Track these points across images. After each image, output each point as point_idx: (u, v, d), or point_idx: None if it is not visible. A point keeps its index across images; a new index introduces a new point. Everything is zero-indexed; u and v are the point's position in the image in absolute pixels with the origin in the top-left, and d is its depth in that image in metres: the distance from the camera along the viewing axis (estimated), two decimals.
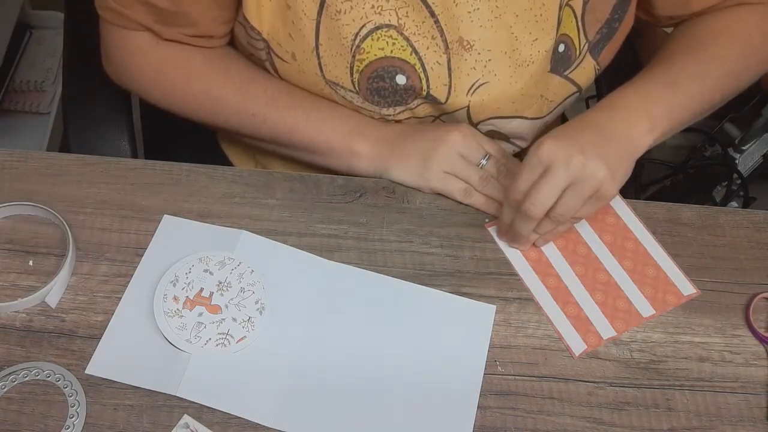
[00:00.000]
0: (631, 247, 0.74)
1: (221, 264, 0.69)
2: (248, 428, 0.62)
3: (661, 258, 0.74)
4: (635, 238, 0.75)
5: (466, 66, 0.72)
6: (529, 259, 0.73)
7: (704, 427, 0.65)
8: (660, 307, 0.71)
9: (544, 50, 0.73)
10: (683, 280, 0.72)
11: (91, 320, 0.66)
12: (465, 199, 0.76)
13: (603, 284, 0.72)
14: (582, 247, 0.74)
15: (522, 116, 0.77)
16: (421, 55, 0.71)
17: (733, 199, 1.48)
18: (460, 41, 0.71)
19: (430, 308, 0.69)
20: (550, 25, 0.72)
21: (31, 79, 1.62)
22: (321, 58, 0.72)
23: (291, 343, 0.66)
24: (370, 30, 0.69)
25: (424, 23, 0.70)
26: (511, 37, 0.72)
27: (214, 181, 0.76)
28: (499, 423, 0.64)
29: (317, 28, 0.70)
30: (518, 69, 0.73)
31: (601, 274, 0.72)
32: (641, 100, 0.70)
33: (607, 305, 0.71)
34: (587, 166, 0.65)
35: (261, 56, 0.76)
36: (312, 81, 0.74)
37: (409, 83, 0.72)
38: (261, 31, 0.72)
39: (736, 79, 0.77)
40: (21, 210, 0.71)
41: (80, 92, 0.90)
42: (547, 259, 0.73)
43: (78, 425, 0.60)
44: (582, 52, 0.76)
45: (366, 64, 0.71)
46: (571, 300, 0.71)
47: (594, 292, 0.71)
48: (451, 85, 0.73)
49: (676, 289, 0.72)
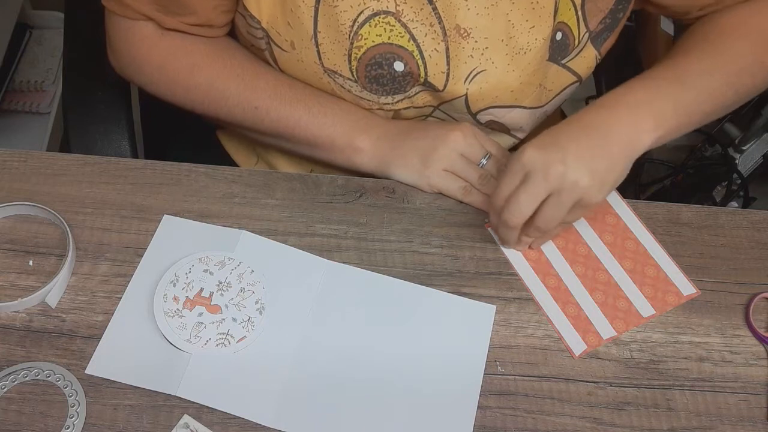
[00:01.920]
0: (632, 247, 0.74)
1: (221, 264, 0.69)
2: (248, 428, 0.62)
3: (661, 258, 0.74)
4: (635, 238, 0.75)
5: (463, 54, 0.72)
6: (529, 259, 0.73)
7: (704, 427, 0.65)
8: (660, 307, 0.71)
9: (541, 38, 0.73)
10: (683, 280, 0.72)
11: (91, 320, 0.66)
12: (464, 198, 0.76)
13: (603, 284, 0.72)
14: (582, 247, 0.74)
15: (521, 105, 0.77)
16: (419, 42, 0.71)
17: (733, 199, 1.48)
18: (457, 29, 0.71)
19: (430, 308, 0.69)
20: (547, 12, 0.72)
21: (31, 79, 1.62)
22: (320, 46, 0.72)
23: (291, 343, 0.66)
24: (367, 16, 0.70)
25: (422, 10, 0.70)
26: (508, 24, 0.71)
27: (214, 181, 0.76)
28: (499, 423, 0.64)
29: (315, 15, 0.70)
30: (515, 57, 0.73)
31: (601, 274, 0.72)
32: (647, 96, 0.68)
33: (607, 305, 0.71)
34: (567, 175, 0.64)
35: (261, 45, 0.76)
36: (311, 70, 0.75)
37: (407, 70, 0.72)
38: (260, 20, 0.73)
39: (750, 76, 0.74)
40: (21, 210, 0.71)
41: (80, 92, 0.90)
42: (546, 259, 0.73)
43: (78, 425, 0.60)
44: (581, 41, 0.75)
45: (364, 51, 0.71)
46: (571, 300, 0.71)
47: (594, 292, 0.71)
48: (449, 72, 0.73)
49: (676, 289, 0.72)
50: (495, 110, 0.77)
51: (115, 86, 0.89)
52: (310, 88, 0.77)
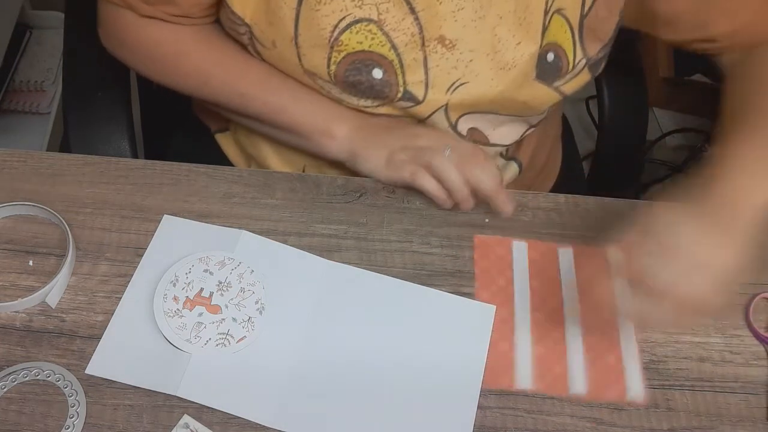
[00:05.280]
0: (607, 330, 0.69)
1: (221, 264, 0.69)
2: (248, 428, 0.62)
3: (629, 354, 0.68)
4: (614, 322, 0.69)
5: (447, 65, 0.72)
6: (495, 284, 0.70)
7: (704, 427, 0.65)
8: (593, 394, 0.66)
9: (528, 54, 0.72)
10: (638, 383, 0.66)
11: (91, 320, 0.66)
12: (413, 180, 0.72)
13: (552, 341, 0.68)
14: (555, 300, 0.70)
15: (499, 113, 0.77)
16: (399, 51, 0.71)
17: None
18: (440, 39, 0.71)
19: (430, 308, 0.69)
20: (535, 29, 0.72)
21: (31, 79, 1.62)
22: (299, 48, 0.72)
23: (291, 343, 0.66)
24: (349, 23, 0.69)
25: (404, 20, 0.70)
26: (494, 38, 0.71)
27: (214, 181, 0.76)
28: (499, 423, 0.64)
29: (297, 17, 0.70)
30: (500, 71, 0.73)
31: (556, 333, 0.68)
32: (754, 181, 0.62)
33: (544, 359, 0.67)
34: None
35: (243, 41, 0.76)
36: (291, 69, 0.75)
37: (386, 78, 0.72)
38: (244, 16, 0.73)
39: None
40: (21, 210, 0.71)
41: (80, 92, 0.90)
42: (512, 292, 0.70)
43: (78, 425, 0.60)
44: (577, 66, 0.75)
45: (343, 56, 0.71)
46: (510, 338, 0.68)
47: (537, 342, 0.67)
48: (427, 82, 0.73)
49: (623, 387, 0.66)
50: (473, 116, 0.77)
51: (115, 86, 0.89)
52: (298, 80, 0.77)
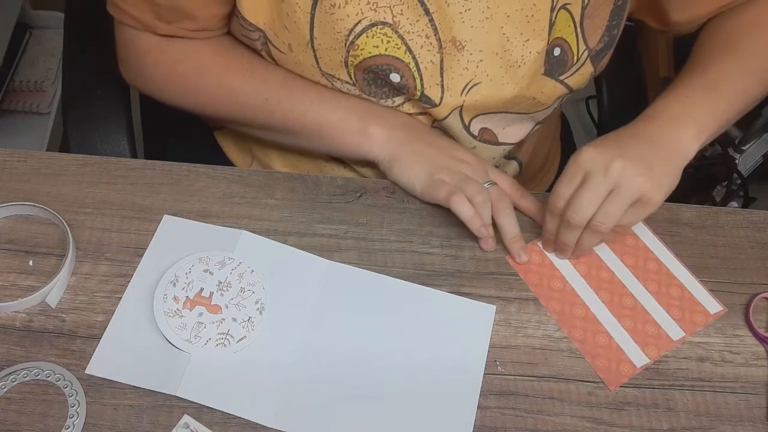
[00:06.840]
0: (654, 268, 0.73)
1: (221, 264, 0.69)
2: (248, 428, 0.62)
3: (684, 277, 0.72)
4: (656, 258, 0.73)
5: (458, 66, 0.72)
6: (553, 290, 0.71)
7: (704, 427, 0.65)
8: (689, 329, 0.69)
9: (536, 51, 0.73)
10: (708, 298, 0.71)
11: (91, 320, 0.66)
12: (450, 202, 0.71)
13: (630, 309, 0.70)
14: (605, 272, 0.72)
15: (510, 111, 0.77)
16: (415, 53, 0.71)
17: (733, 199, 1.48)
18: (453, 41, 0.71)
19: (430, 308, 0.69)
20: (542, 26, 0.72)
21: (31, 79, 1.62)
22: (316, 51, 0.72)
23: (291, 343, 0.66)
24: (365, 27, 0.69)
25: (419, 21, 0.70)
26: (503, 37, 0.71)
27: (214, 181, 0.76)
28: (499, 423, 0.64)
29: (311, 21, 0.70)
30: (509, 70, 0.73)
31: (627, 299, 0.71)
32: (685, 108, 0.70)
33: (637, 331, 0.69)
34: (626, 170, 0.65)
35: (257, 47, 0.76)
36: (309, 72, 0.74)
37: (403, 82, 0.72)
38: (257, 23, 0.72)
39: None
40: (21, 210, 0.71)
41: (80, 92, 0.90)
42: (572, 289, 0.71)
43: (78, 425, 0.60)
44: (580, 58, 0.76)
45: (360, 60, 0.71)
46: (601, 329, 0.69)
47: (622, 319, 0.70)
48: (443, 84, 0.73)
49: (702, 308, 0.71)
50: (484, 116, 0.77)
51: (115, 86, 0.89)
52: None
